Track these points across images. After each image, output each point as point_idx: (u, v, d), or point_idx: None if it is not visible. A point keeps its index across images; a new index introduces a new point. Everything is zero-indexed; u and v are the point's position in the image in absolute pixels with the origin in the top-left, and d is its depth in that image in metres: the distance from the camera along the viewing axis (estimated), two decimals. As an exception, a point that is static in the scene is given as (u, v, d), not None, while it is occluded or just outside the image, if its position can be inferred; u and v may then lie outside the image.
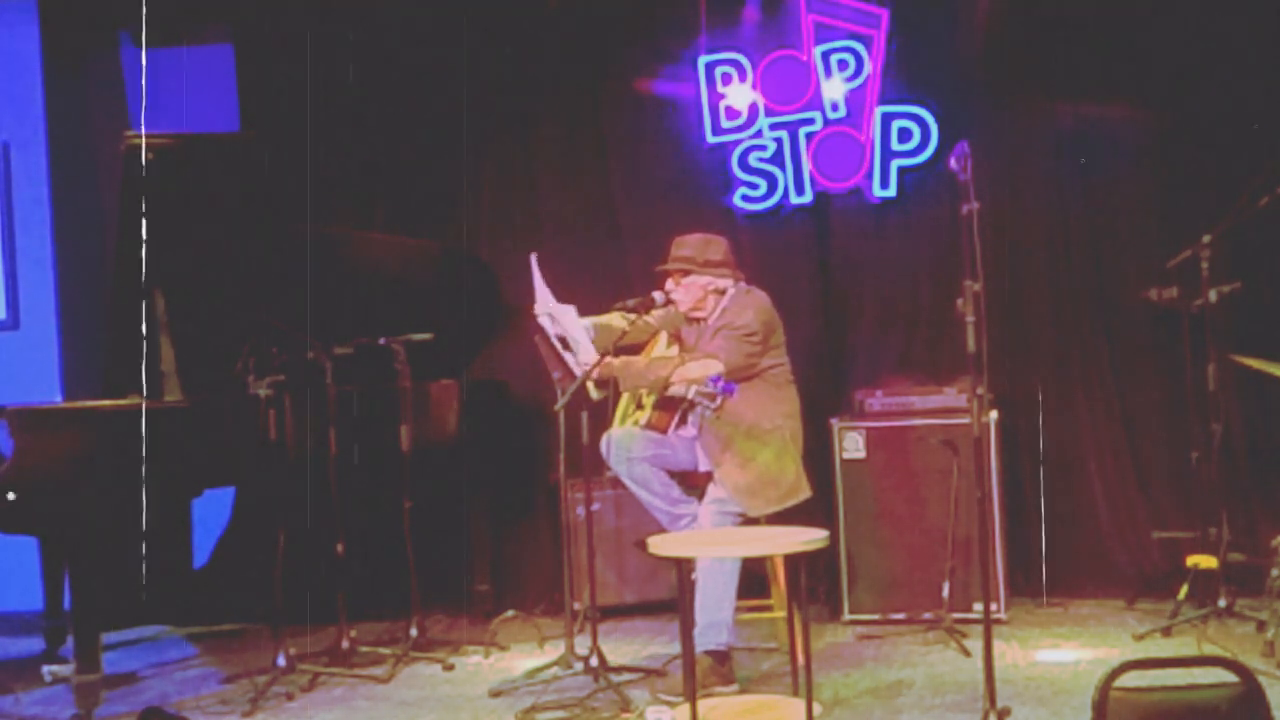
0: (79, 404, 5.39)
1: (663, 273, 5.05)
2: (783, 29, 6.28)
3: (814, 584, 5.75)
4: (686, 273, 4.99)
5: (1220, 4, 5.83)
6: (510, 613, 5.79)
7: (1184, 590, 5.27)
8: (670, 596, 5.70)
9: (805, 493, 4.91)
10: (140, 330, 5.13)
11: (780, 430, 4.89)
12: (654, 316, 5.19)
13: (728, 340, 4.85)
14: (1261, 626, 4.83)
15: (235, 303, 5.23)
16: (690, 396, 4.65)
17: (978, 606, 4.65)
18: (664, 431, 4.93)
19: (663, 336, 5.35)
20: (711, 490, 4.88)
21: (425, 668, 5.25)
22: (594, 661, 4.79)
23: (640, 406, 5.19)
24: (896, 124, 6.14)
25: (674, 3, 6.36)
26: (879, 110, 6.14)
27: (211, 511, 6.39)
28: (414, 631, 5.35)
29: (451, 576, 6.27)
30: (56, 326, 6.74)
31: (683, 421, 5.02)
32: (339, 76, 6.66)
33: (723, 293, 5.01)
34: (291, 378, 5.08)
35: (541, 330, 5.17)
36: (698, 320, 5.06)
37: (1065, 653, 5.05)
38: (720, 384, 4.52)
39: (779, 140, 6.25)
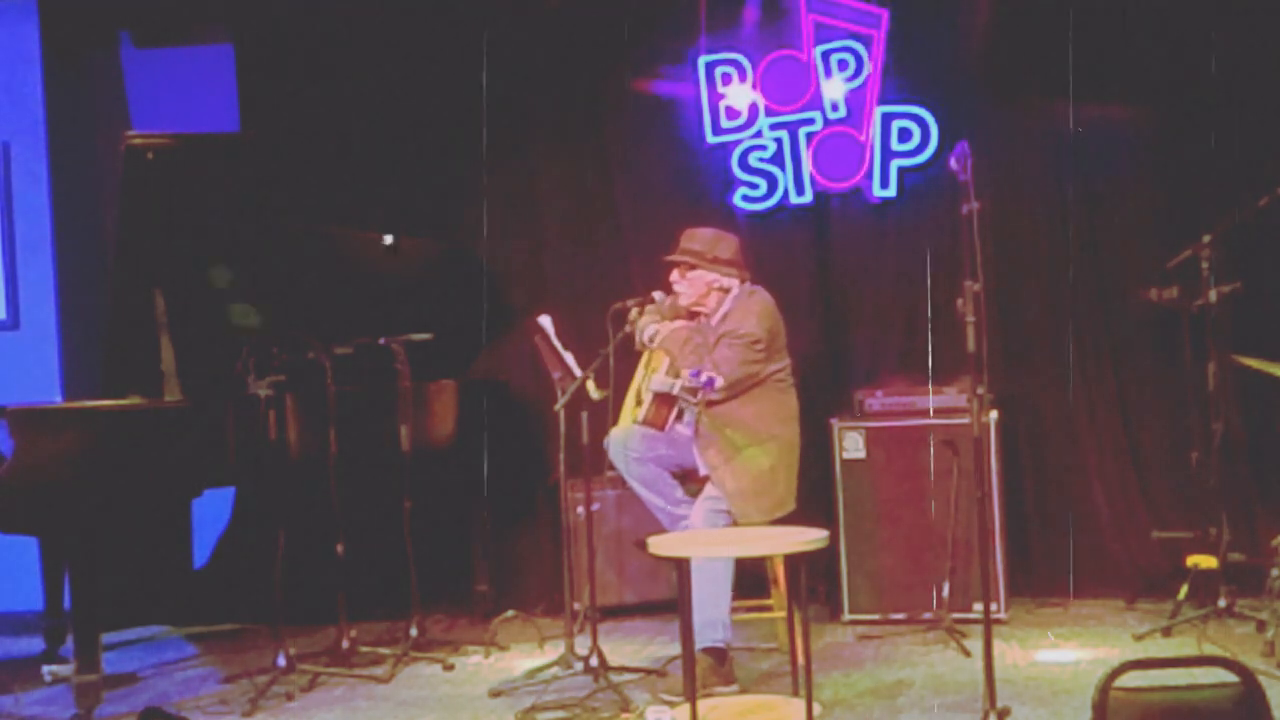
0: (79, 404, 5.38)
1: (668, 263, 5.04)
2: (783, 29, 6.28)
3: (814, 584, 5.74)
4: (693, 266, 4.97)
5: (1220, 4, 5.83)
6: (510, 613, 5.79)
7: (1184, 590, 5.27)
8: (670, 596, 5.70)
9: (790, 505, 4.88)
10: (140, 330, 5.13)
11: (778, 439, 4.87)
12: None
13: (731, 350, 4.81)
14: (1261, 626, 4.83)
15: (235, 303, 5.23)
16: (675, 393, 4.65)
17: (978, 606, 4.65)
18: (661, 428, 4.91)
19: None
20: (707, 489, 4.88)
21: (425, 668, 5.25)
22: (594, 661, 4.79)
23: (640, 403, 5.17)
24: (896, 124, 6.14)
25: (674, 3, 6.35)
26: (879, 110, 6.14)
27: (211, 511, 6.39)
28: (414, 631, 5.35)
29: (451, 576, 6.27)
30: (56, 326, 6.74)
31: (679, 417, 4.99)
32: (339, 76, 6.67)
33: (726, 291, 4.99)
34: (291, 378, 5.08)
35: (541, 330, 5.17)
36: (698, 316, 5.04)
37: (1065, 653, 5.05)
38: (700, 378, 4.51)
39: (779, 140, 6.25)
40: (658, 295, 5.00)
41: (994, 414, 5.51)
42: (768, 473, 4.82)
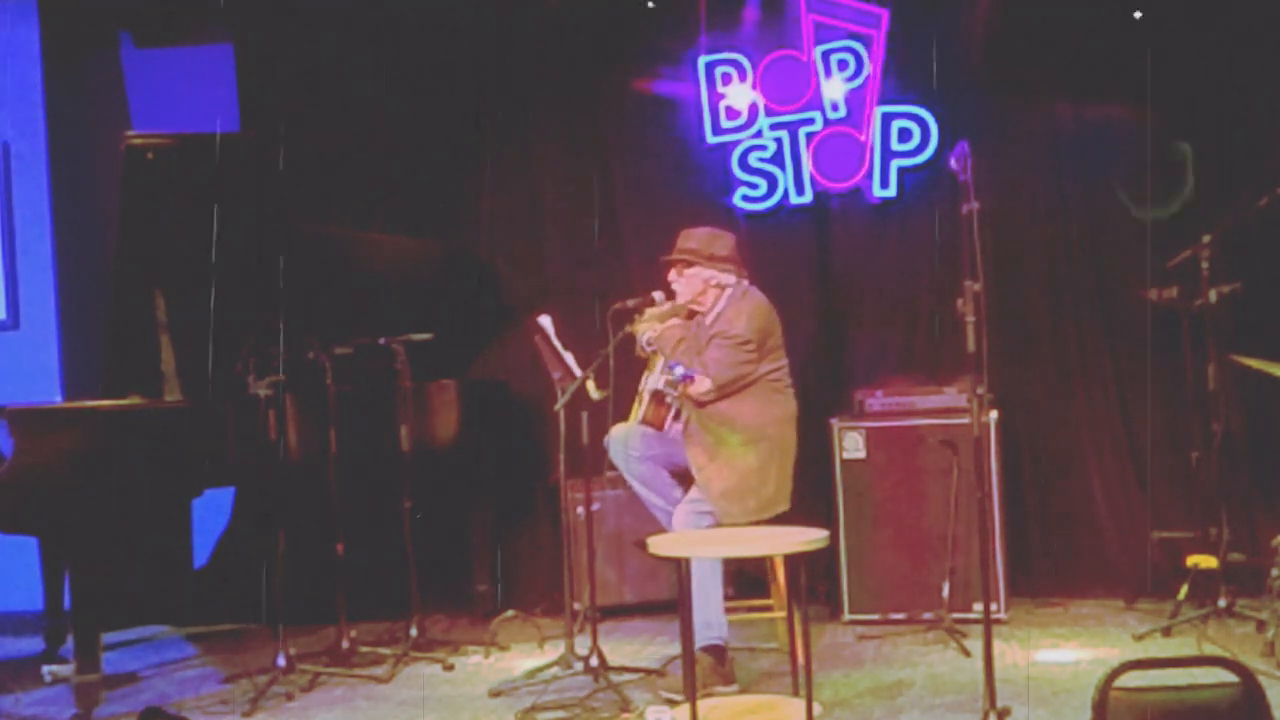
0: (79, 404, 5.39)
1: (665, 262, 5.04)
2: (783, 29, 6.28)
3: (814, 584, 5.74)
4: (690, 264, 4.98)
5: (1219, 4, 5.83)
6: (510, 613, 5.79)
7: (1184, 590, 5.27)
8: (670, 596, 5.70)
9: (783, 506, 4.84)
10: (140, 330, 5.13)
11: (770, 439, 4.84)
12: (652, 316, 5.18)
13: (720, 351, 4.80)
14: (1261, 626, 4.83)
15: (235, 303, 5.23)
16: (660, 388, 4.66)
17: (978, 606, 4.65)
18: (660, 427, 4.91)
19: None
20: (691, 491, 4.86)
21: (425, 668, 5.25)
22: (594, 661, 4.79)
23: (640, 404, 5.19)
24: (896, 124, 6.14)
25: (674, 3, 6.36)
26: (879, 110, 6.15)
27: (211, 511, 6.39)
28: (414, 631, 5.35)
29: (452, 576, 6.28)
30: (56, 326, 6.75)
31: (676, 416, 5.00)
32: (338, 76, 6.67)
33: (723, 289, 4.99)
34: (291, 378, 5.08)
35: (541, 330, 5.18)
36: (694, 314, 5.04)
37: (1065, 653, 5.05)
38: (677, 370, 4.52)
39: (779, 140, 6.25)
40: (658, 295, 5.00)
41: (994, 414, 5.51)
42: (755, 472, 4.78)
